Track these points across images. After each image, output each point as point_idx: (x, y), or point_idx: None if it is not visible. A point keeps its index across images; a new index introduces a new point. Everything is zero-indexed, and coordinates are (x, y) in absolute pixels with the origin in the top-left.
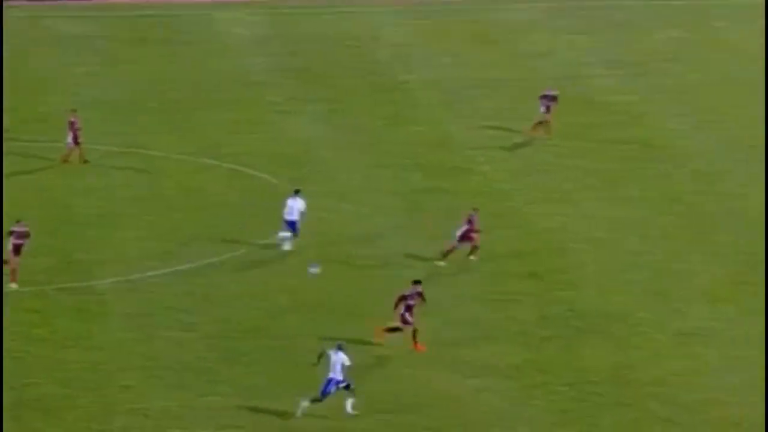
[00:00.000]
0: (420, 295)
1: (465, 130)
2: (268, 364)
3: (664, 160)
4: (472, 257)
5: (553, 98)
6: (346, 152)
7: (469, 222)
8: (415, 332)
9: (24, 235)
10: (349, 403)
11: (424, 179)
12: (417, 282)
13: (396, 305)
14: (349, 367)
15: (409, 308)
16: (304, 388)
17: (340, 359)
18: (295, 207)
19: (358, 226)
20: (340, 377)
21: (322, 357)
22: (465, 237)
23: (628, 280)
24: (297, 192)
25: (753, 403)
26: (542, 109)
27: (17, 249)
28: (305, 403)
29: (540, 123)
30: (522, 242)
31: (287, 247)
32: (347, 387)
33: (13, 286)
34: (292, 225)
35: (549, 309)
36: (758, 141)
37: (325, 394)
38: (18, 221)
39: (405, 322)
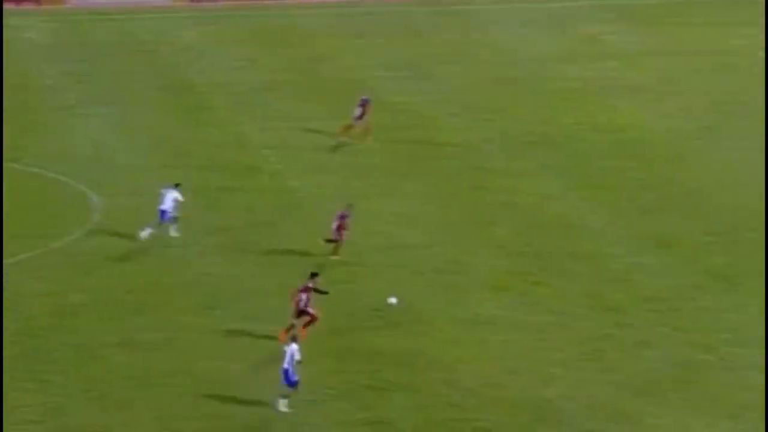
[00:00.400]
0: (312, 287)
1: (258, 130)
2: (68, 360)
3: (446, 158)
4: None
5: (366, 102)
6: (141, 153)
7: (342, 217)
8: (311, 321)
9: None
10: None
11: (220, 178)
12: (314, 274)
13: (295, 298)
14: (299, 361)
15: (307, 301)
16: (103, 384)
17: (291, 350)
18: (167, 197)
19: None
20: (291, 367)
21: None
22: (337, 232)
23: (416, 272)
24: (176, 186)
25: (530, 385)
26: (357, 113)
27: None
28: (284, 401)
29: (361, 129)
30: (314, 238)
31: (145, 235)
32: (288, 384)
33: None
34: (162, 214)
35: (341, 301)
36: (531, 137)
37: (293, 383)
38: None
39: (306, 313)
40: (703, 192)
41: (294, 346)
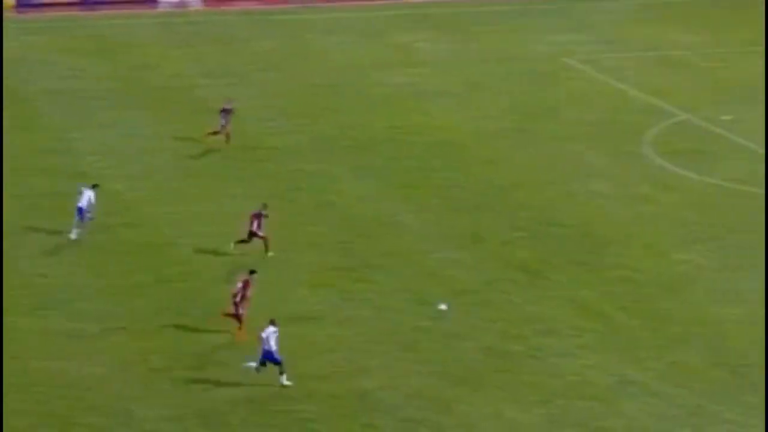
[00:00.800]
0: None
1: (85, 137)
2: None
3: (266, 161)
4: (232, 246)
5: (230, 111)
6: None
7: (258, 216)
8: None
9: None
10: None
11: (47, 184)
12: (252, 272)
13: (237, 295)
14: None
15: (243, 297)
16: None
17: (271, 332)
18: (84, 196)
19: None
20: (274, 347)
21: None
22: (253, 233)
23: (238, 271)
24: (94, 186)
25: (351, 377)
26: (222, 121)
27: None
28: (283, 379)
29: (216, 132)
30: (141, 237)
31: (74, 236)
32: (274, 363)
33: None
34: (80, 211)
35: (169, 299)
36: (346, 141)
37: (277, 362)
38: None
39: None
40: (510, 190)
41: (272, 328)
